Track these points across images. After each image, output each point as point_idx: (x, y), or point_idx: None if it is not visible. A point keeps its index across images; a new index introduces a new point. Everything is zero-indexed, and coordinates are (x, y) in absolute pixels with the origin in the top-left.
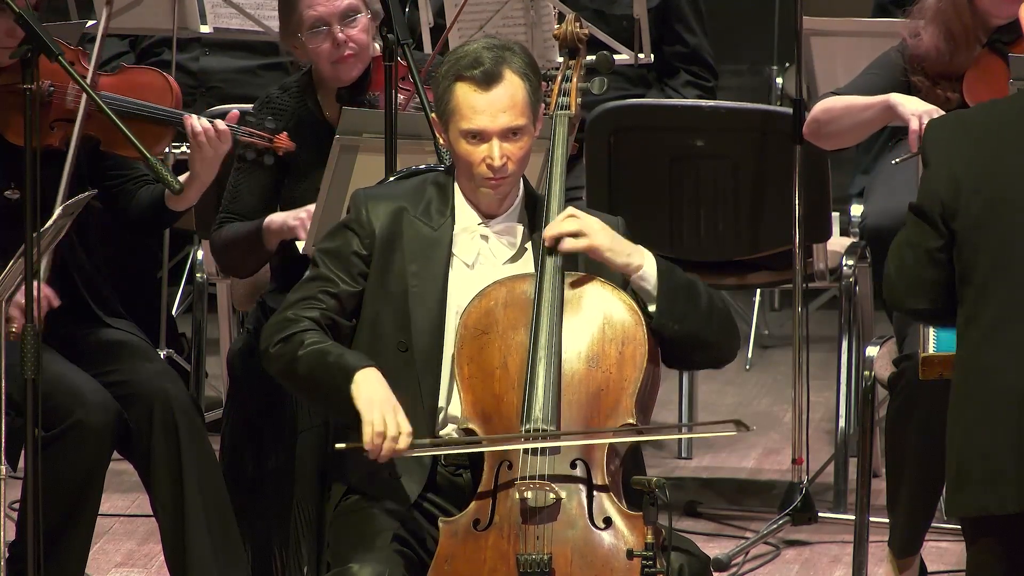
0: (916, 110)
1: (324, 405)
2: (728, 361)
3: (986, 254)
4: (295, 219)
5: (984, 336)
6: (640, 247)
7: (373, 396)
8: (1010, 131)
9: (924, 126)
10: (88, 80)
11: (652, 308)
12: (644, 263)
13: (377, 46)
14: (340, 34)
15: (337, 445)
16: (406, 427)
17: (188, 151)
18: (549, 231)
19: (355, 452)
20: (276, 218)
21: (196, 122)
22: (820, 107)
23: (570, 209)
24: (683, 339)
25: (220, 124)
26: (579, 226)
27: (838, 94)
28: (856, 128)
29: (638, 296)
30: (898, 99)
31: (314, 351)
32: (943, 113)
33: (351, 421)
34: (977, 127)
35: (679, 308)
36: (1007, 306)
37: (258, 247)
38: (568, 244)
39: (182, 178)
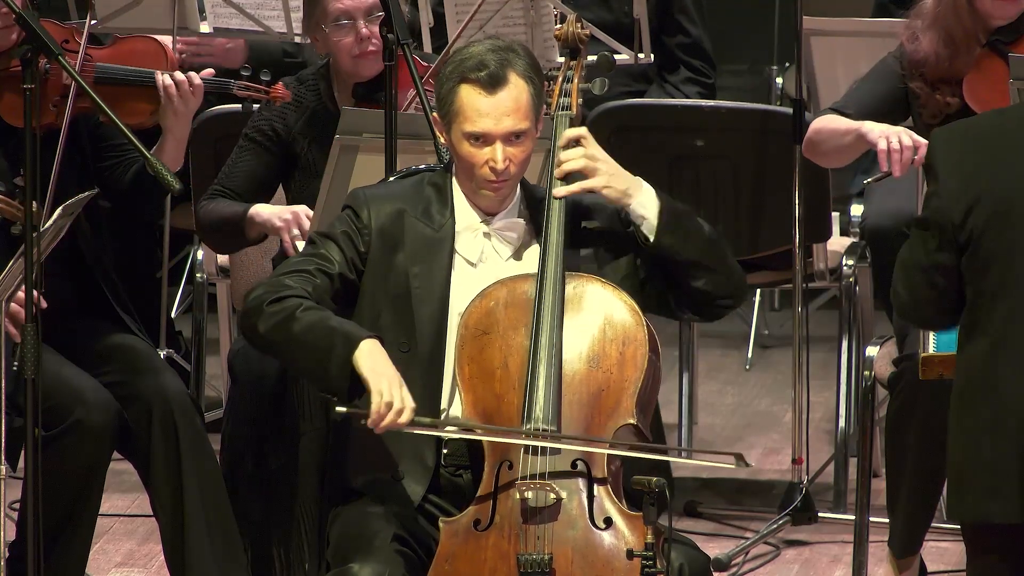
0: (884, 131)
1: (316, 371)
2: (735, 302)
3: (996, 266)
4: (281, 219)
5: (990, 346)
6: (639, 180)
7: (380, 367)
8: (1019, 140)
9: (892, 145)
10: (80, 54)
11: (651, 236)
12: (642, 192)
13: None
14: (364, 29)
15: (338, 408)
16: (410, 402)
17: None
18: (561, 168)
19: (349, 418)
20: (263, 211)
21: (167, 77)
22: (814, 126)
23: (581, 131)
24: (686, 264)
25: (195, 78)
26: (584, 164)
27: (836, 111)
28: (840, 152)
29: (638, 268)
30: (868, 126)
31: (314, 313)
32: (911, 133)
33: (341, 392)
34: (985, 137)
35: (679, 228)
36: (1014, 318)
37: (239, 234)
38: (573, 188)
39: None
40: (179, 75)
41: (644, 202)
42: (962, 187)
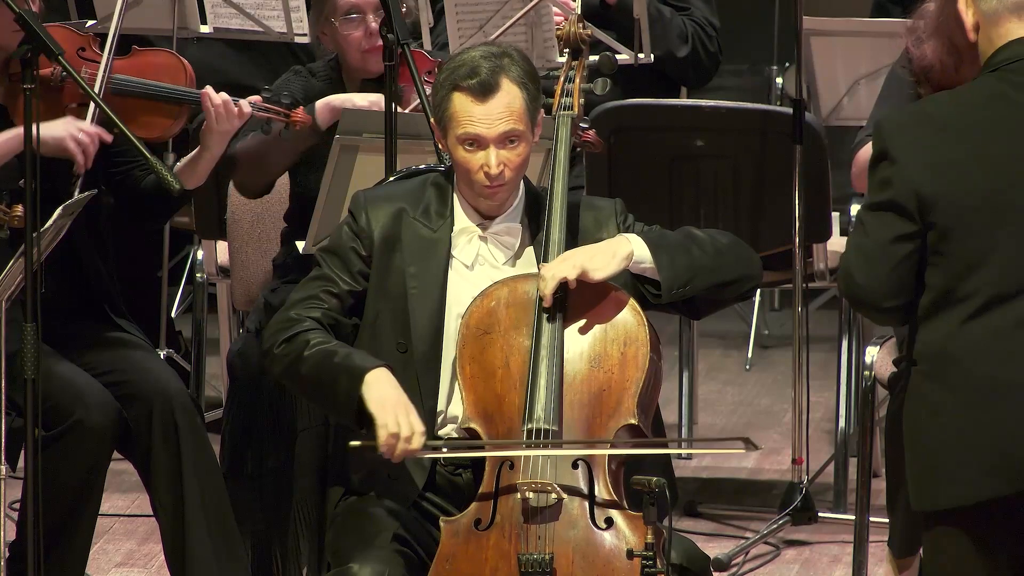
0: None
1: (326, 406)
2: (756, 287)
3: (963, 243)
4: (368, 100)
5: (959, 323)
6: (620, 236)
7: (385, 397)
8: (978, 119)
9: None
10: (104, 64)
11: (662, 294)
12: (632, 248)
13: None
14: (373, 24)
15: (351, 443)
16: (419, 427)
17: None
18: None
19: (363, 451)
20: (337, 97)
21: (215, 95)
22: (864, 159)
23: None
24: (703, 293)
25: (245, 106)
26: (559, 280)
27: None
28: None
29: (645, 283)
30: None
31: (319, 351)
32: None
33: (351, 422)
34: (941, 118)
35: (683, 271)
36: (985, 293)
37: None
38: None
39: (189, 156)
40: (226, 96)
41: (639, 258)
42: (926, 167)
